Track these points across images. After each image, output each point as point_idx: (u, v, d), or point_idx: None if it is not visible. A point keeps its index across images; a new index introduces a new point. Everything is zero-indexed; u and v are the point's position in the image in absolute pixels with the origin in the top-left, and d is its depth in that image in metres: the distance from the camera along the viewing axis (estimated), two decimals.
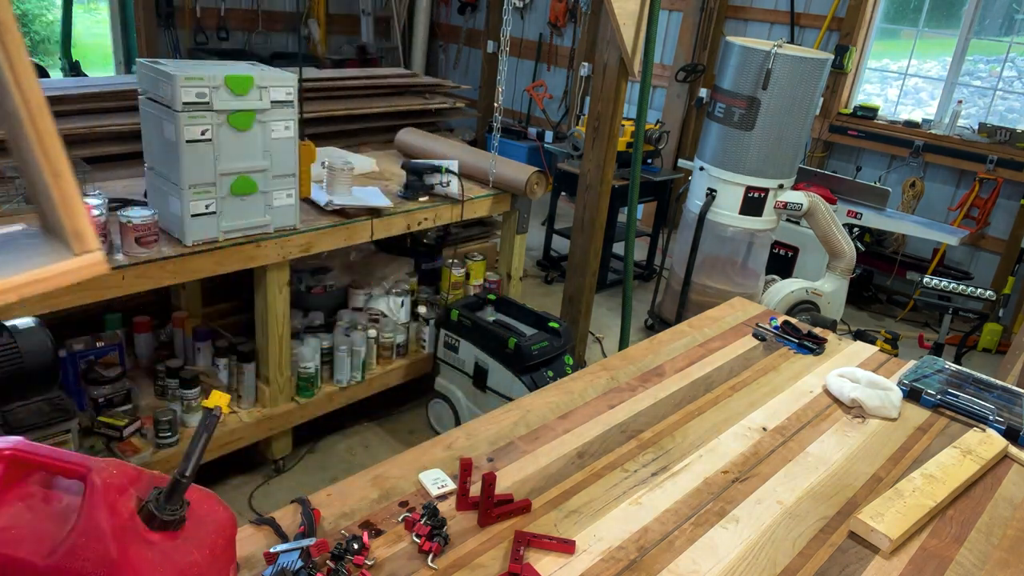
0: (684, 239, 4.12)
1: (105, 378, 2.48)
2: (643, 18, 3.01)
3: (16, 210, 2.36)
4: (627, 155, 4.43)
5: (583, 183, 3.38)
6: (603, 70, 3.15)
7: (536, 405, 1.74)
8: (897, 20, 5.36)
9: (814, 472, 1.59)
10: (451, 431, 1.63)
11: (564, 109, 6.87)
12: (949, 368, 2.09)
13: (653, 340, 2.14)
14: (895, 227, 4.55)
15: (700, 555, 1.31)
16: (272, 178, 2.40)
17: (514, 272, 3.46)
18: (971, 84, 5.09)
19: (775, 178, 3.79)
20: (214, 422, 0.94)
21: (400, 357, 3.21)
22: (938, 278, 3.73)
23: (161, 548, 0.89)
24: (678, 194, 5.13)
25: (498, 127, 3.18)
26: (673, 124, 6.03)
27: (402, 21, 7.48)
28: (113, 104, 2.98)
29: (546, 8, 6.91)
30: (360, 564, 1.19)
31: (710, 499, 1.47)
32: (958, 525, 1.47)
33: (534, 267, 5.23)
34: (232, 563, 1.01)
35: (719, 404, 1.83)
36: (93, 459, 0.91)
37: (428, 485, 1.42)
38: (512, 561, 1.23)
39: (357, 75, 4.08)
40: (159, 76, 2.18)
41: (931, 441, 1.76)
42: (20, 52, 0.77)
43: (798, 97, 3.63)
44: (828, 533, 1.40)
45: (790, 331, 2.24)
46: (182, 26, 6.19)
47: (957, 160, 4.85)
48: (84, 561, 0.85)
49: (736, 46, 3.71)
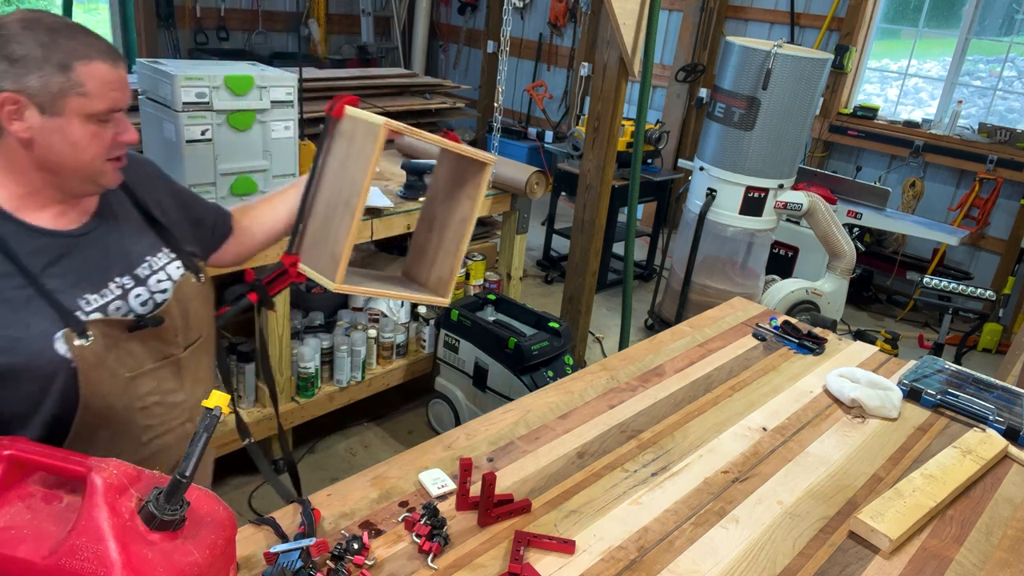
0: (684, 239, 4.12)
1: None
2: (643, 18, 3.01)
3: None
4: (627, 155, 4.43)
5: (583, 183, 3.38)
6: (603, 70, 3.15)
7: (536, 405, 1.74)
8: (897, 20, 5.36)
9: (814, 472, 1.59)
10: (451, 431, 1.63)
11: (564, 109, 6.87)
12: (949, 368, 2.09)
13: (653, 340, 2.14)
14: (895, 227, 4.54)
15: (700, 555, 1.31)
16: (272, 178, 2.40)
17: (514, 272, 3.46)
18: (971, 84, 5.09)
19: (775, 178, 3.79)
20: (214, 422, 0.94)
21: (400, 357, 3.21)
22: (938, 278, 3.73)
23: (161, 548, 0.89)
24: (678, 194, 5.13)
25: (498, 127, 3.18)
26: (673, 124, 6.03)
27: (402, 21, 7.48)
28: None
29: (546, 8, 6.91)
30: (360, 564, 1.19)
31: (710, 499, 1.47)
32: (958, 525, 1.47)
33: (534, 267, 5.23)
34: (232, 563, 1.01)
35: (719, 404, 1.83)
36: (93, 459, 0.91)
37: (428, 485, 1.42)
38: (512, 561, 1.23)
39: (357, 75, 4.08)
40: (159, 76, 2.18)
41: (931, 441, 1.76)
42: None
43: (798, 97, 3.63)
44: (828, 533, 1.40)
45: (790, 331, 2.24)
46: (182, 26, 6.19)
47: (957, 160, 4.84)
48: (84, 561, 0.85)
49: (736, 46, 3.71)
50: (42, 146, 1.06)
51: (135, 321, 1.15)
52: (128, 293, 1.18)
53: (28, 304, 1.06)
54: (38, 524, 0.90)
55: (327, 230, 1.32)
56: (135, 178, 1.27)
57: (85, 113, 1.06)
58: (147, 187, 1.30)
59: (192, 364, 1.28)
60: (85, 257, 1.14)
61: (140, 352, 1.17)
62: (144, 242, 1.23)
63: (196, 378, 1.29)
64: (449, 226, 1.48)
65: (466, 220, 1.44)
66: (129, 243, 1.21)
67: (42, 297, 1.06)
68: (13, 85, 1.01)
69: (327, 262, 1.31)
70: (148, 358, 1.19)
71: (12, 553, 0.86)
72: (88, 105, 1.05)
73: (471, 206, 1.43)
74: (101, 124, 1.09)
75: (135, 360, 1.16)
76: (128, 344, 1.15)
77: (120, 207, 1.23)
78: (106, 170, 1.13)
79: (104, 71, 1.06)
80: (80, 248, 1.14)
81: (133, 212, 1.25)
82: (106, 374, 1.12)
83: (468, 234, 1.45)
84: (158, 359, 1.20)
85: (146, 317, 1.17)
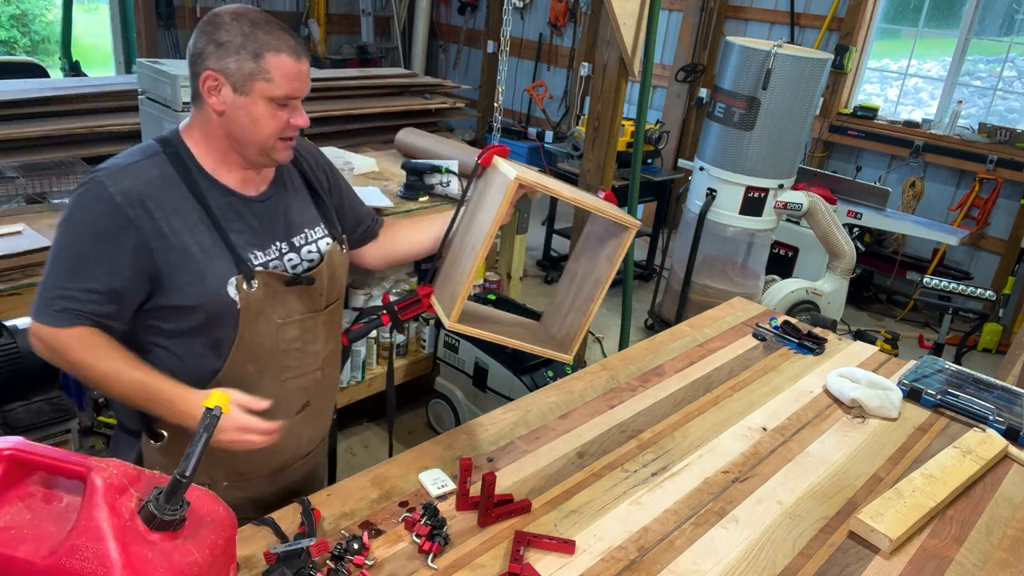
0: (684, 239, 4.12)
1: None
2: (643, 18, 3.01)
3: (16, 210, 2.36)
4: (627, 155, 4.42)
5: (583, 183, 3.38)
6: (603, 70, 3.15)
7: (536, 405, 1.74)
8: (897, 20, 5.36)
9: (814, 472, 1.59)
10: (451, 431, 1.63)
11: (564, 109, 6.87)
12: (949, 368, 2.09)
13: (653, 340, 2.14)
14: (895, 227, 4.54)
15: (700, 555, 1.31)
16: None
17: (514, 272, 3.46)
18: (971, 84, 5.09)
19: (775, 178, 3.79)
20: (214, 422, 0.94)
21: (400, 357, 3.21)
22: (938, 278, 3.73)
23: (161, 548, 0.89)
24: (678, 194, 5.13)
25: (498, 127, 3.18)
26: (673, 124, 6.02)
27: (402, 21, 7.48)
28: (113, 104, 2.98)
29: (546, 8, 6.91)
30: (360, 564, 1.19)
31: (710, 499, 1.47)
32: (958, 525, 1.47)
33: (534, 267, 5.22)
34: (232, 563, 1.01)
35: (719, 404, 1.83)
36: (93, 459, 0.91)
37: (428, 485, 1.42)
38: (512, 561, 1.23)
39: (357, 75, 4.08)
40: (159, 76, 2.18)
41: (931, 441, 1.76)
42: None
43: (798, 97, 3.63)
44: (828, 533, 1.40)
45: (790, 331, 2.23)
46: (182, 26, 6.19)
47: (957, 160, 4.84)
48: (84, 561, 0.85)
49: (736, 46, 3.71)
50: (231, 119, 1.25)
51: (292, 277, 1.34)
52: (283, 256, 1.36)
53: (212, 249, 1.26)
54: (38, 524, 0.90)
55: (454, 269, 1.41)
56: (309, 160, 1.49)
57: (268, 96, 1.24)
58: (317, 170, 1.50)
59: (329, 321, 1.46)
60: (260, 219, 1.34)
61: (291, 304, 1.36)
62: (306, 215, 1.43)
63: (330, 333, 1.47)
64: (585, 284, 1.50)
65: (600, 281, 1.46)
66: (294, 214, 1.40)
67: (225, 246, 1.27)
68: (215, 65, 1.22)
69: (448, 300, 1.38)
70: (296, 310, 1.37)
71: (12, 553, 0.86)
72: (271, 90, 1.23)
73: (608, 268, 1.44)
74: (280, 107, 1.26)
75: (286, 310, 1.35)
76: (283, 296, 1.34)
77: (292, 181, 1.43)
78: (278, 147, 1.30)
79: (288, 63, 1.24)
80: (256, 211, 1.34)
81: (303, 188, 1.45)
82: (262, 318, 1.31)
83: (600, 296, 1.46)
84: (304, 312, 1.38)
85: (301, 276, 1.36)
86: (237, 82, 1.22)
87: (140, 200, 1.20)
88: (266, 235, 1.34)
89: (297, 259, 1.38)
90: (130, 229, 1.19)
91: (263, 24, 1.23)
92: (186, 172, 1.26)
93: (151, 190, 1.22)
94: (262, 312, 1.31)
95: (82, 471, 0.89)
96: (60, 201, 2.41)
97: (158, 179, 1.24)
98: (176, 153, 1.28)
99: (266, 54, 1.22)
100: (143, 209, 1.20)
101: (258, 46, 1.21)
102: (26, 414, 2.12)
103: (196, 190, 1.26)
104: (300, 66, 1.26)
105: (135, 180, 1.22)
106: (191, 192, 1.25)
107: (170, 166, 1.26)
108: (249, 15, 1.24)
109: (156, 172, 1.24)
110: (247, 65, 1.21)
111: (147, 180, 1.22)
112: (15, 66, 4.59)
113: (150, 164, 1.25)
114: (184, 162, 1.27)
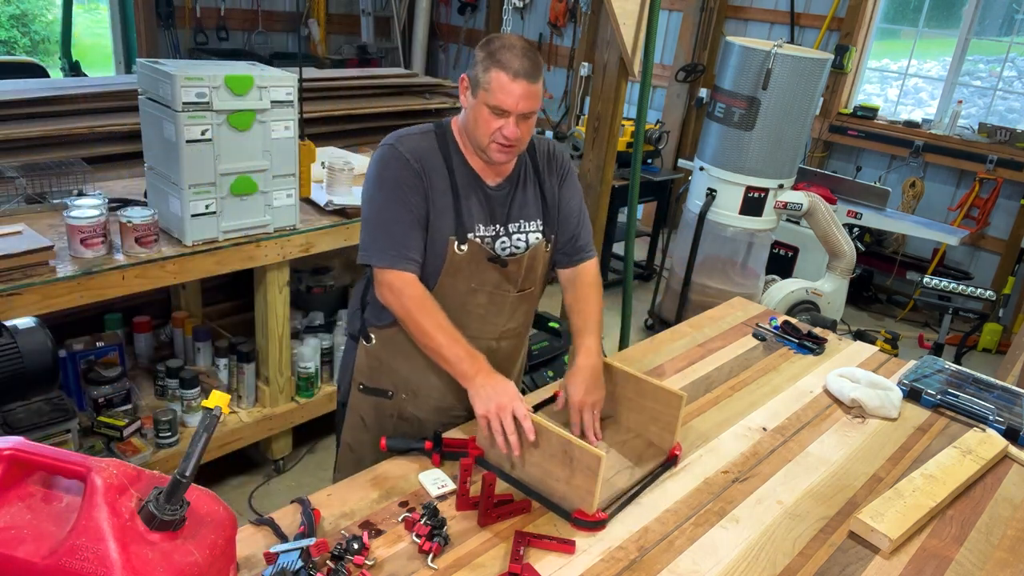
0: (684, 239, 4.12)
1: (105, 378, 2.48)
2: (643, 18, 3.01)
3: (15, 210, 2.36)
4: (627, 155, 4.42)
5: (583, 183, 3.38)
6: (603, 70, 3.15)
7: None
8: (897, 20, 5.36)
9: (814, 472, 1.59)
10: (451, 431, 1.63)
11: (564, 109, 6.87)
12: (949, 368, 2.09)
13: (653, 340, 2.14)
14: (895, 227, 4.54)
15: (700, 555, 1.31)
16: (272, 178, 2.40)
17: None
18: (971, 84, 5.09)
19: (775, 178, 3.79)
20: (214, 422, 0.94)
21: None
22: (938, 278, 3.73)
23: (161, 548, 0.89)
24: (678, 194, 5.13)
25: None
26: (673, 124, 6.02)
27: (402, 21, 7.48)
28: (113, 104, 2.98)
29: (546, 8, 6.91)
30: (360, 564, 1.19)
31: (710, 499, 1.47)
32: (958, 525, 1.47)
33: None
34: (232, 563, 1.01)
35: (719, 404, 1.83)
36: (93, 459, 0.91)
37: (428, 485, 1.42)
38: (512, 561, 1.23)
39: (357, 75, 4.07)
40: (159, 76, 2.18)
41: (931, 441, 1.76)
42: None
43: (798, 97, 3.63)
44: (828, 533, 1.40)
45: (790, 331, 2.23)
46: (182, 26, 6.18)
47: (957, 160, 4.84)
48: (84, 561, 0.85)
49: (736, 46, 3.71)
50: (467, 115, 1.56)
51: (493, 255, 1.61)
52: (496, 239, 1.62)
53: (447, 211, 1.57)
54: (38, 524, 0.90)
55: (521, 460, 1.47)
56: (549, 164, 1.72)
57: (485, 103, 1.49)
58: (552, 175, 1.72)
59: (515, 305, 1.70)
60: (490, 204, 1.62)
61: (487, 275, 1.62)
62: (528, 210, 1.67)
63: (513, 315, 1.71)
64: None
65: None
66: (517, 207, 1.66)
67: (454, 211, 1.57)
68: (469, 72, 1.53)
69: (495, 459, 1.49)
70: (490, 282, 1.63)
71: (12, 553, 0.86)
72: (487, 98, 1.49)
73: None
74: (495, 115, 1.50)
75: (481, 279, 1.62)
76: (483, 267, 1.61)
77: (527, 178, 1.68)
78: (492, 148, 1.54)
79: (504, 80, 1.47)
80: (488, 197, 1.62)
81: (533, 187, 1.69)
82: (459, 277, 1.60)
83: None
84: (494, 288, 1.64)
85: (501, 257, 1.62)
86: (473, 87, 1.52)
87: (418, 158, 1.56)
88: (491, 215, 1.61)
89: (508, 243, 1.64)
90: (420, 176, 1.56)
91: (510, 48, 1.49)
92: (445, 149, 1.60)
93: (421, 154, 1.57)
94: (460, 272, 1.59)
95: (82, 471, 0.89)
96: (60, 201, 2.41)
97: (427, 149, 1.59)
98: (443, 134, 1.62)
99: (492, 69, 1.47)
100: (419, 164, 1.56)
101: (491, 63, 1.48)
102: (26, 414, 2.11)
103: (450, 164, 1.59)
104: (515, 84, 1.47)
105: (413, 146, 1.58)
106: (446, 165, 1.58)
107: (435, 143, 1.60)
108: (510, 40, 1.51)
109: (426, 144, 1.60)
110: (479, 75, 1.50)
111: (419, 147, 1.58)
112: (15, 66, 4.59)
113: (422, 138, 1.61)
114: (446, 142, 1.61)
